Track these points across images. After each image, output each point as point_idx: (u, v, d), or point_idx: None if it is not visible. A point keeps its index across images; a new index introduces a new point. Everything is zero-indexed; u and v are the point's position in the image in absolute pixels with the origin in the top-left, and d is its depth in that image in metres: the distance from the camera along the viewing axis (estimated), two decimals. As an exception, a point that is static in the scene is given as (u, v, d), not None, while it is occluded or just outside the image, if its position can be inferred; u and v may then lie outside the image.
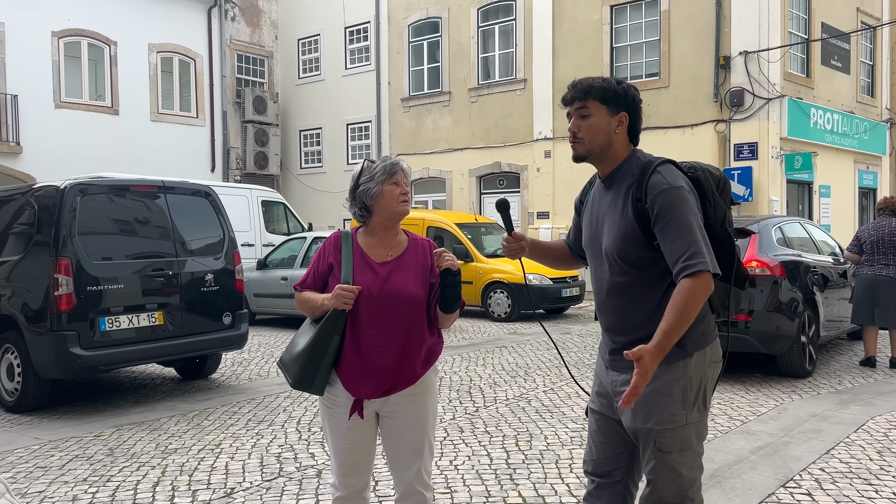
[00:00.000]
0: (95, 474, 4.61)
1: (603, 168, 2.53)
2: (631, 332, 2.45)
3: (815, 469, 4.54)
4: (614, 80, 2.49)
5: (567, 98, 2.51)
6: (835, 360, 8.31)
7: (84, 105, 18.04)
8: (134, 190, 6.76)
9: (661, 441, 2.40)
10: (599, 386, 2.63)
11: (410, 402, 2.73)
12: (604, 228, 2.48)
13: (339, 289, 2.61)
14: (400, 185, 2.73)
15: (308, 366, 2.66)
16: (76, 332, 6.00)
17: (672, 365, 2.40)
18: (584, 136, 2.48)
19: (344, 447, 2.73)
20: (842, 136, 16.56)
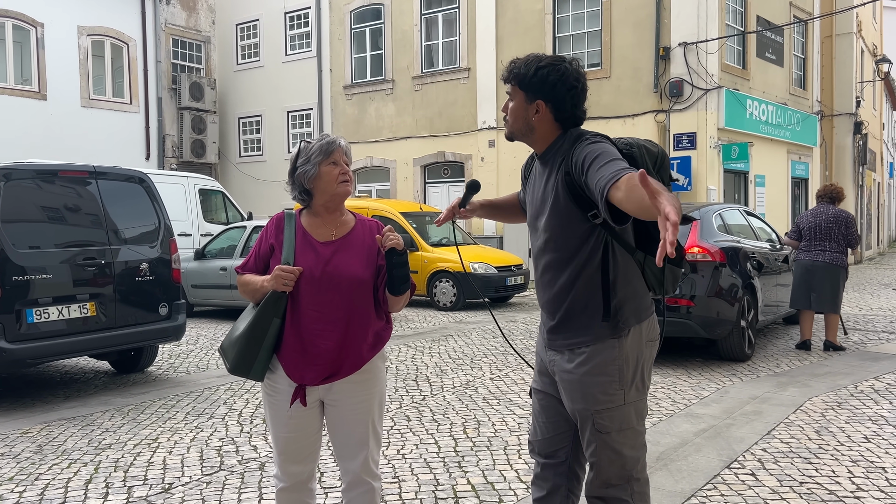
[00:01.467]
0: (22, 472, 4.38)
1: (535, 147, 2.48)
2: (565, 311, 2.43)
3: (758, 450, 4.62)
4: (537, 65, 2.33)
5: (501, 76, 2.54)
6: (772, 343, 8.52)
7: (9, 89, 17.22)
8: (63, 175, 6.44)
9: (600, 422, 2.38)
10: (540, 364, 2.61)
11: (356, 390, 2.63)
12: (541, 206, 2.45)
13: (278, 269, 2.51)
14: (339, 165, 2.61)
15: (246, 350, 2.56)
16: (1, 325, 5.69)
17: (606, 343, 2.39)
18: (509, 118, 2.46)
19: (285, 435, 2.64)
20: (776, 126, 17.04)
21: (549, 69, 2.35)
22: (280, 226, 2.68)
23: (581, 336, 2.41)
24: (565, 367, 2.44)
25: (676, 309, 7.07)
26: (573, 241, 2.37)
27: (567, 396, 2.44)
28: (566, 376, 2.44)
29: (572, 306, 2.41)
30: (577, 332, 2.41)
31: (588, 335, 2.39)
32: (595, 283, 2.37)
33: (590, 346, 2.39)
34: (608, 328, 2.38)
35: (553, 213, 2.37)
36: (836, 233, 7.90)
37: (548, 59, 2.39)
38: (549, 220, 2.39)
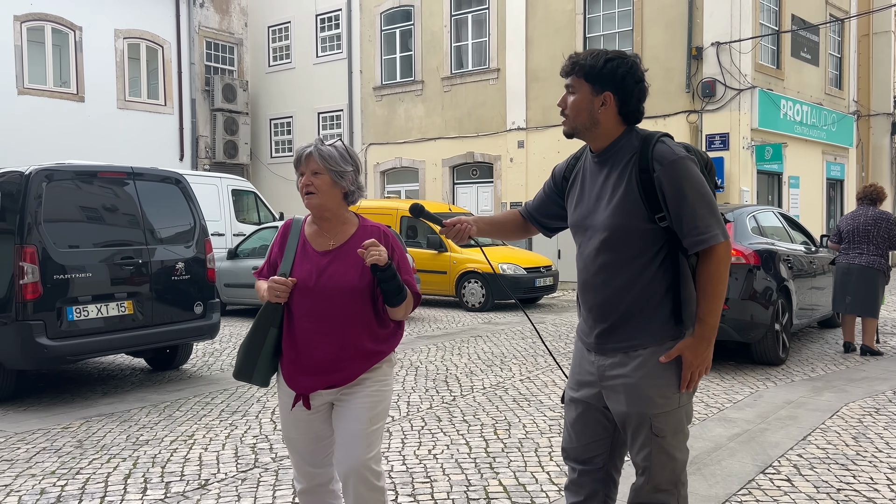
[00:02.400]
0: (64, 467, 4.48)
1: (594, 144, 2.44)
2: (621, 313, 2.38)
3: (793, 455, 4.57)
4: (604, 57, 2.35)
5: (561, 71, 2.44)
6: (807, 347, 8.41)
7: (48, 91, 17.59)
8: (102, 176, 6.57)
9: (657, 425, 2.36)
10: (580, 372, 2.55)
11: (360, 387, 2.61)
12: (598, 204, 2.39)
13: (271, 281, 2.54)
14: (305, 174, 2.55)
15: (246, 357, 2.63)
16: (42, 322, 5.82)
17: (664, 346, 2.37)
18: (570, 113, 2.40)
19: (294, 436, 2.68)
20: (810, 127, 16.78)
21: (617, 61, 2.34)
22: (285, 234, 2.69)
23: (639, 339, 2.36)
24: (619, 371, 2.39)
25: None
26: (636, 240, 2.33)
27: (621, 400, 2.39)
28: (622, 380, 2.38)
29: (631, 308, 2.36)
30: (635, 335, 2.37)
31: (647, 338, 2.36)
32: (656, 285, 2.35)
33: (647, 349, 2.35)
34: (668, 331, 2.36)
35: (618, 211, 2.32)
36: (876, 235, 7.76)
37: (614, 52, 2.38)
38: (612, 218, 2.33)
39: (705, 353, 2.34)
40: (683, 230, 2.28)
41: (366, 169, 20.13)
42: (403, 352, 8.33)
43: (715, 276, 2.29)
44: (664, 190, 2.27)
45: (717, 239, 2.27)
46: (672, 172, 2.26)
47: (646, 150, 2.31)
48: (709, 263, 2.30)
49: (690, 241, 2.29)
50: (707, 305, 2.31)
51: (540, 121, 16.79)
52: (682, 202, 2.26)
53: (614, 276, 2.37)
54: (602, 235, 2.36)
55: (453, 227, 2.59)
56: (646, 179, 2.29)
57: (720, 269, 2.30)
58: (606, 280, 2.39)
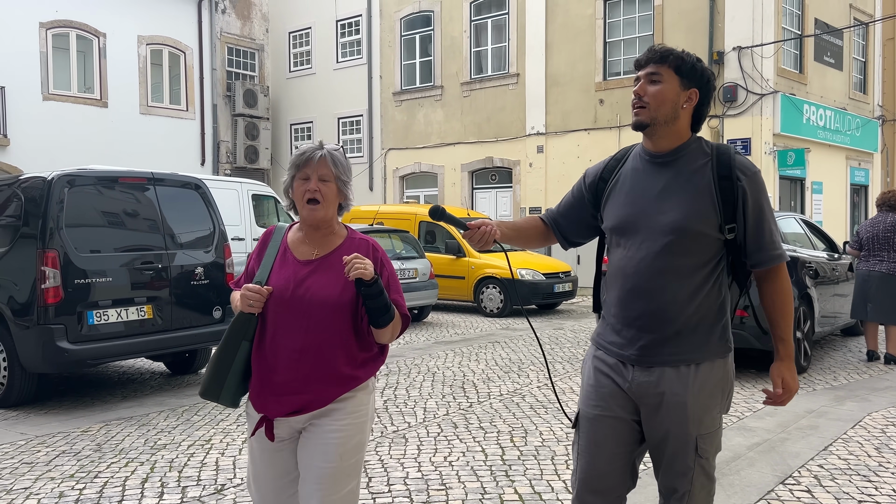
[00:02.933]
0: (83, 470, 4.52)
1: (662, 143, 2.31)
2: (678, 322, 2.23)
3: (814, 466, 4.50)
4: (695, 56, 2.34)
5: (641, 60, 2.32)
6: (829, 356, 8.29)
7: (72, 97, 17.83)
8: (123, 182, 6.64)
9: (702, 446, 2.27)
10: (607, 386, 2.33)
11: (328, 419, 2.31)
12: (662, 205, 2.25)
13: (244, 289, 2.28)
14: (309, 181, 2.30)
15: (214, 374, 2.38)
16: (63, 326, 5.88)
17: (716, 364, 2.27)
18: (651, 102, 2.27)
19: (257, 470, 2.40)
20: (834, 132, 16.58)
21: (703, 64, 2.33)
22: (266, 241, 2.46)
23: (694, 353, 2.25)
24: (667, 387, 2.24)
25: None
26: (702, 248, 2.23)
27: (666, 419, 2.24)
28: (669, 398, 2.24)
29: (689, 320, 2.24)
30: (690, 349, 2.25)
31: (700, 353, 2.25)
32: (713, 298, 2.26)
33: (700, 366, 2.25)
34: (720, 347, 2.28)
35: (690, 214, 2.21)
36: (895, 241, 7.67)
37: (697, 57, 2.37)
38: (682, 220, 2.21)
39: (795, 374, 2.33)
40: (760, 244, 2.24)
41: (385, 173, 20.18)
42: (421, 357, 8.33)
43: (788, 293, 2.29)
44: (746, 200, 2.22)
45: (786, 256, 2.30)
46: (756, 184, 2.24)
47: (726, 158, 2.25)
48: (781, 281, 2.29)
49: (765, 256, 2.26)
50: (786, 324, 2.29)
51: (559, 126, 16.74)
52: (762, 215, 2.24)
53: (673, 282, 2.23)
54: (666, 238, 2.23)
55: (478, 230, 2.38)
56: (726, 187, 2.22)
57: (790, 287, 2.31)
58: (663, 286, 2.24)
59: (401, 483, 4.21)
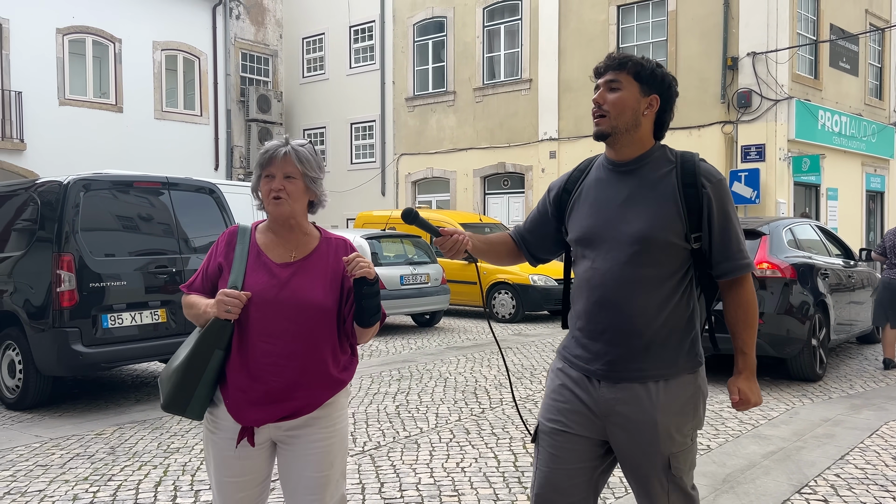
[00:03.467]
0: (97, 473, 4.54)
1: (625, 151, 2.25)
2: (644, 337, 2.16)
3: (830, 475, 4.45)
4: (654, 62, 2.29)
5: (600, 68, 2.26)
6: (845, 363, 8.21)
7: (88, 102, 17.99)
8: (137, 186, 6.68)
9: (676, 464, 2.19)
10: (570, 401, 2.25)
11: (313, 428, 2.27)
12: (626, 215, 2.19)
13: (221, 293, 2.16)
14: (274, 178, 2.22)
15: (182, 384, 2.21)
16: (78, 329, 5.92)
17: (685, 379, 2.20)
18: (611, 111, 2.21)
19: (229, 480, 2.28)
20: (849, 138, 16.46)
21: (663, 70, 2.27)
22: (231, 242, 2.31)
23: (660, 368, 2.17)
24: (634, 406, 2.17)
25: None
26: (669, 258, 2.17)
27: (636, 439, 2.16)
28: (637, 416, 2.16)
29: (657, 333, 2.16)
30: (656, 363, 2.17)
31: (668, 368, 2.18)
32: (682, 311, 2.19)
33: (669, 382, 2.18)
34: (689, 362, 2.21)
35: (655, 223, 2.14)
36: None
37: (657, 62, 2.32)
38: (647, 230, 2.15)
39: (757, 387, 2.25)
40: (726, 253, 2.18)
41: (397, 179, 20.22)
42: (433, 362, 8.32)
43: (753, 305, 2.22)
44: (711, 208, 2.16)
45: (752, 266, 2.23)
46: (721, 191, 2.18)
47: (690, 166, 2.20)
48: (745, 292, 2.21)
49: (731, 266, 2.19)
50: (749, 337, 2.21)
51: (572, 131, 16.72)
52: (728, 224, 2.18)
53: (639, 294, 2.16)
54: (632, 248, 2.16)
55: (449, 238, 2.29)
56: (691, 195, 2.15)
57: (755, 299, 2.23)
58: (629, 298, 2.16)
59: (413, 489, 4.20)
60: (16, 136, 16.60)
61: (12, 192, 6.68)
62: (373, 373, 7.75)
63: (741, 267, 2.19)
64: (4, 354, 6.32)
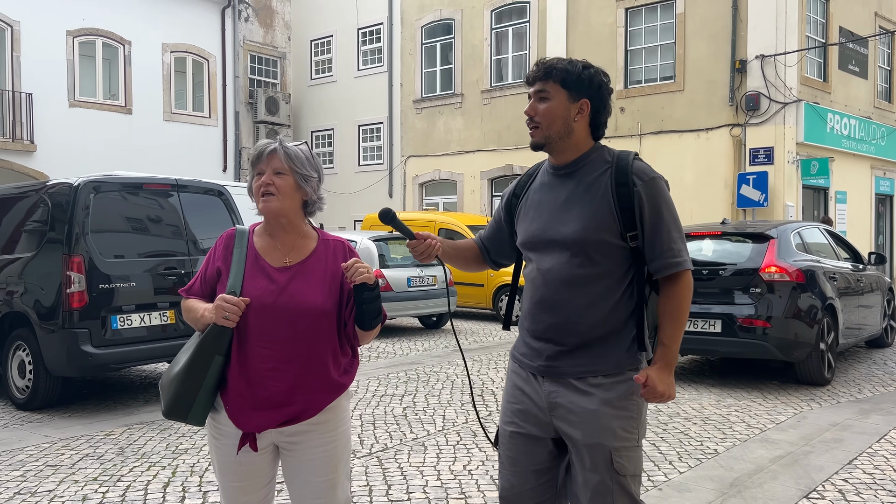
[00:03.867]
0: (105, 473, 4.56)
1: (563, 156, 2.29)
2: (582, 335, 2.20)
3: (839, 479, 4.44)
4: (581, 64, 2.27)
5: (529, 77, 2.28)
6: (854, 368, 8.18)
7: (98, 104, 18.09)
8: (147, 188, 6.72)
9: (619, 462, 2.16)
10: (519, 402, 2.31)
11: (316, 433, 2.27)
12: (564, 217, 2.23)
13: (220, 299, 2.14)
14: (265, 174, 2.22)
15: (183, 391, 2.20)
16: (88, 330, 5.95)
17: (625, 376, 2.20)
18: (542, 122, 2.24)
19: (234, 485, 2.30)
20: (858, 141, 16.40)
21: (593, 70, 2.26)
22: (229, 246, 2.30)
23: (599, 364, 2.20)
24: (575, 398, 2.20)
25: (752, 330, 6.86)
26: (605, 258, 2.19)
27: (578, 431, 2.18)
28: (578, 408, 2.19)
29: (594, 331, 2.20)
30: (596, 360, 2.20)
31: (608, 364, 2.20)
32: (621, 309, 2.21)
33: (609, 378, 2.19)
34: (629, 359, 2.21)
35: (589, 224, 2.18)
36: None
37: (586, 62, 2.30)
38: (582, 231, 2.18)
39: (670, 380, 2.20)
40: (656, 251, 2.19)
41: (404, 181, 20.25)
42: (440, 364, 8.33)
43: (683, 302, 2.20)
44: (642, 207, 2.17)
45: (687, 265, 2.20)
46: (653, 189, 2.18)
47: (624, 165, 2.21)
48: (678, 289, 2.20)
49: (662, 264, 2.19)
50: (672, 331, 2.19)
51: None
52: (658, 222, 2.18)
53: (578, 293, 2.20)
54: (569, 249, 2.21)
55: (422, 243, 2.34)
56: (624, 194, 2.18)
57: (687, 296, 2.21)
58: (568, 297, 2.21)
59: (420, 491, 4.21)
60: (26, 138, 16.70)
61: (23, 194, 6.73)
62: (380, 375, 7.76)
63: (671, 265, 2.18)
64: (15, 355, 6.36)
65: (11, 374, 6.39)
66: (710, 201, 14.74)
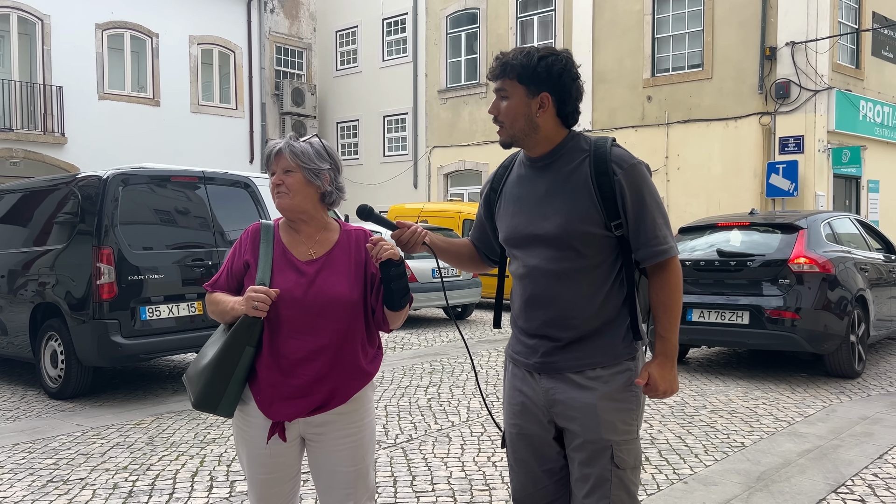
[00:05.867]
0: (135, 462, 4.64)
1: (536, 149, 2.22)
2: (579, 327, 2.15)
3: (868, 474, 4.38)
4: (538, 55, 2.15)
5: (488, 74, 2.24)
6: (885, 360, 8.05)
7: (126, 96, 18.31)
8: (174, 180, 6.80)
9: (619, 456, 2.12)
10: (521, 402, 2.25)
11: (341, 422, 2.31)
12: (545, 211, 2.16)
13: (250, 290, 2.18)
14: (276, 173, 2.29)
15: (213, 383, 2.23)
16: (117, 321, 6.05)
17: (622, 366, 2.15)
18: (504, 121, 2.18)
19: (264, 477, 2.33)
20: (892, 129, 16.06)
21: (552, 58, 2.14)
22: (255, 240, 2.35)
23: (597, 357, 2.15)
24: (574, 393, 2.14)
25: (781, 322, 6.78)
26: (592, 249, 2.13)
27: (577, 426, 2.13)
28: (577, 402, 2.14)
29: (589, 323, 2.14)
30: (593, 353, 2.15)
31: (605, 356, 2.15)
32: (613, 299, 2.16)
33: (607, 369, 2.14)
34: (625, 348, 2.16)
35: (572, 216, 2.11)
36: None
37: (545, 49, 2.18)
38: (565, 224, 2.11)
39: (672, 374, 2.15)
40: (641, 239, 2.12)
41: (429, 171, 20.24)
42: (464, 355, 8.34)
43: (675, 289, 2.14)
44: (624, 194, 2.10)
45: (674, 251, 2.14)
46: (634, 176, 2.11)
47: (602, 153, 2.14)
48: (667, 276, 2.14)
49: (648, 252, 2.12)
50: (668, 321, 2.15)
51: (606, 122, 16.56)
52: (642, 209, 2.11)
53: (568, 287, 2.14)
54: (553, 244, 2.14)
55: (406, 230, 2.27)
56: (604, 183, 2.10)
57: (678, 283, 2.15)
58: (559, 292, 2.15)
59: (444, 482, 4.23)
60: (57, 131, 16.96)
61: (53, 187, 6.84)
62: (405, 365, 7.80)
63: (657, 253, 2.12)
64: (47, 345, 6.49)
65: (44, 364, 6.52)
66: (738, 191, 14.54)
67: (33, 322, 6.58)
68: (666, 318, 2.15)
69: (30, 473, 4.44)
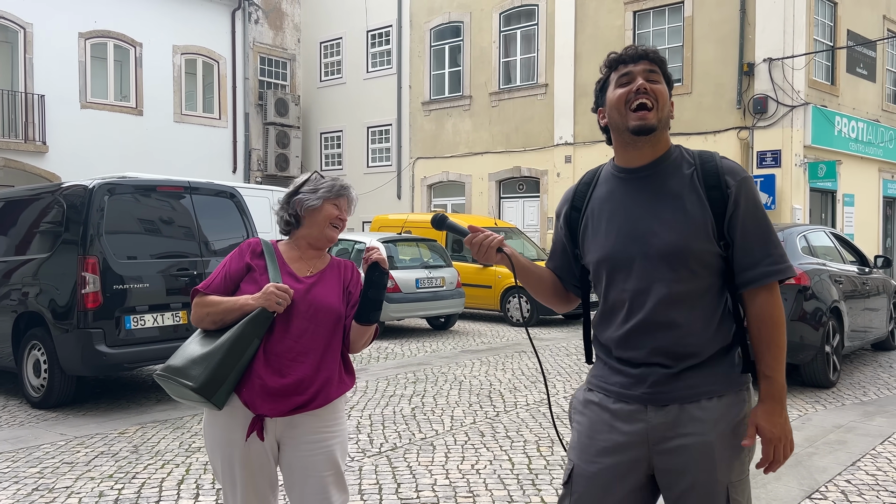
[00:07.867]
0: (121, 471, 4.66)
1: (647, 153, 2.00)
2: (695, 355, 1.92)
3: (841, 481, 4.50)
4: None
5: (630, 56, 1.99)
6: (859, 370, 8.22)
7: (109, 105, 18.25)
8: (160, 190, 6.83)
9: (735, 496, 1.92)
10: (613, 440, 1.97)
11: (317, 427, 2.45)
12: (654, 227, 1.94)
13: (272, 286, 2.36)
14: (340, 210, 2.54)
15: (219, 367, 2.33)
16: (102, 330, 6.06)
17: (739, 397, 1.95)
18: (659, 101, 1.95)
19: (242, 474, 2.43)
20: (867, 144, 16.40)
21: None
22: (258, 250, 2.55)
23: (712, 384, 1.93)
24: (689, 428, 1.90)
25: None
26: (706, 269, 1.93)
27: (691, 465, 1.90)
28: (692, 438, 1.90)
29: (705, 349, 1.92)
30: (708, 380, 1.93)
31: (721, 384, 1.93)
32: (727, 322, 1.96)
33: (723, 399, 1.92)
34: (738, 379, 1.96)
35: (691, 232, 1.91)
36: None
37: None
38: (685, 240, 1.91)
39: (783, 419, 1.92)
40: (755, 257, 1.91)
41: (413, 182, 20.34)
42: (448, 365, 8.41)
43: (780, 319, 1.92)
44: (737, 209, 1.91)
45: (791, 272, 1.94)
46: (747, 190, 1.93)
47: (712, 165, 1.96)
48: (771, 304, 1.92)
49: (761, 272, 1.91)
50: (774, 358, 1.92)
51: (588, 136, 16.76)
52: (758, 225, 1.93)
53: (686, 311, 1.93)
54: (667, 262, 1.92)
55: (479, 234, 2.11)
56: (716, 197, 1.91)
57: (781, 312, 1.93)
58: (675, 317, 1.92)
59: (429, 489, 4.29)
60: (38, 139, 16.87)
61: (37, 196, 6.85)
62: (388, 375, 7.85)
63: (775, 272, 1.91)
64: (30, 354, 6.47)
65: (27, 373, 6.50)
66: (717, 204, 14.74)
67: (16, 331, 6.57)
68: (770, 354, 1.92)
69: (14, 482, 4.45)
